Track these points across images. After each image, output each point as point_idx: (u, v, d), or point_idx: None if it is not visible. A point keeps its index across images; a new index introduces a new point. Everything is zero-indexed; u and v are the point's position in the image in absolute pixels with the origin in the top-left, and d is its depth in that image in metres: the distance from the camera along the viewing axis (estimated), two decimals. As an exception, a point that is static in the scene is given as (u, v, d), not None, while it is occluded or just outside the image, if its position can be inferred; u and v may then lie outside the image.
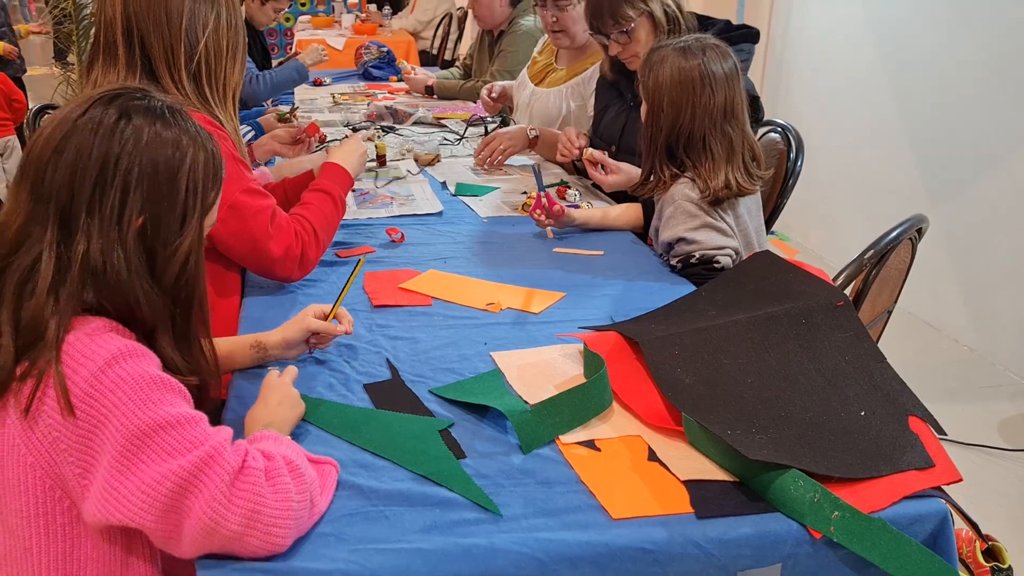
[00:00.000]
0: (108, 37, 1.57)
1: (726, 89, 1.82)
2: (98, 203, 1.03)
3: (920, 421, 1.28)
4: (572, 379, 1.41)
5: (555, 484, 1.16)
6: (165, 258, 1.08)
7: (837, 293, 1.45)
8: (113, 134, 1.05)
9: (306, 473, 1.05)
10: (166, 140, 1.08)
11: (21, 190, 1.05)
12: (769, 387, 1.30)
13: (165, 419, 0.97)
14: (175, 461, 0.96)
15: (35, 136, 1.07)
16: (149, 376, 1.00)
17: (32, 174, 1.04)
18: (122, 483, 0.95)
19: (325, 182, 1.85)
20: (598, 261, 1.97)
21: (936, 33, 3.72)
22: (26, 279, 1.01)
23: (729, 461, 1.18)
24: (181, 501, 0.95)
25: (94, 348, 0.98)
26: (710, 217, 1.83)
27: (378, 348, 1.54)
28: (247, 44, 1.70)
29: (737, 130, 1.85)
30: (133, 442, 0.95)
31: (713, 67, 1.82)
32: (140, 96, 1.11)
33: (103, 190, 1.03)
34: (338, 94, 3.97)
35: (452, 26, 6.93)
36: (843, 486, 1.13)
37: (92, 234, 1.02)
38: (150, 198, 1.06)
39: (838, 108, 4.41)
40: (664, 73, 1.84)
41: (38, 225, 1.03)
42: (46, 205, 1.03)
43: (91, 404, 0.96)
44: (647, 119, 1.90)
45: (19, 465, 0.99)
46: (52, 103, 2.82)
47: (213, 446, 0.98)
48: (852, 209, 4.32)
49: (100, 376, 0.97)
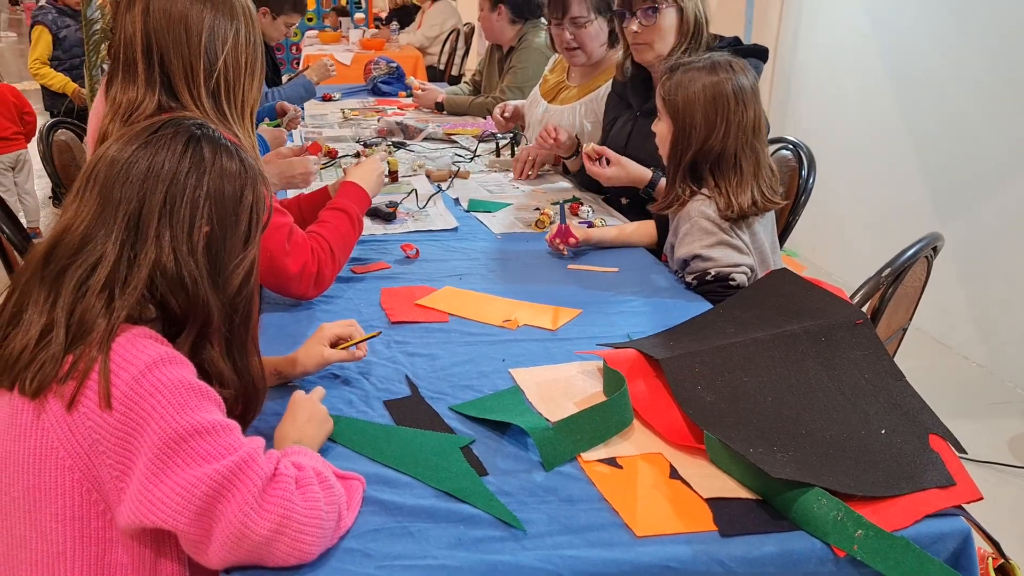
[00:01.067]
0: (128, 55, 1.58)
1: (755, 104, 1.84)
2: (169, 213, 1.09)
3: (940, 439, 1.28)
4: (592, 396, 1.42)
5: (578, 502, 1.16)
6: (230, 270, 1.14)
7: (856, 311, 1.46)
8: (184, 155, 1.12)
9: (335, 486, 1.07)
10: (232, 167, 1.15)
11: (87, 197, 1.10)
12: (790, 405, 1.31)
13: (202, 424, 1.00)
14: (210, 466, 0.98)
15: (99, 152, 1.13)
16: (188, 382, 1.02)
17: (99, 186, 1.09)
18: (158, 486, 0.97)
19: (343, 201, 1.87)
20: (613, 278, 1.97)
21: (944, 49, 3.73)
22: (87, 277, 1.06)
23: (751, 479, 1.18)
24: (214, 505, 0.97)
25: (136, 352, 1.01)
26: (726, 234, 1.84)
27: (397, 364, 1.54)
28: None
29: (762, 146, 1.86)
30: (170, 445, 0.98)
31: (743, 82, 1.83)
32: (203, 125, 1.17)
33: (174, 201, 1.09)
34: (348, 110, 4.00)
35: (459, 41, 6.97)
36: (865, 504, 1.14)
37: (164, 242, 1.08)
38: (218, 213, 1.12)
39: (846, 124, 4.42)
40: (695, 89, 1.84)
41: (103, 228, 1.08)
42: (114, 210, 1.08)
43: (131, 406, 0.98)
44: (674, 137, 1.89)
45: (57, 468, 1.01)
46: (64, 118, 2.82)
47: (248, 452, 1.00)
48: (860, 225, 4.32)
49: (140, 380, 0.99)
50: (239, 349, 1.18)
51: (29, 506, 1.02)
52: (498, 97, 3.77)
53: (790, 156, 2.53)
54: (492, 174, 2.90)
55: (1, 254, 2.13)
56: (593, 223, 2.30)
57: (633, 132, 2.45)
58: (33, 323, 1.05)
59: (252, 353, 1.22)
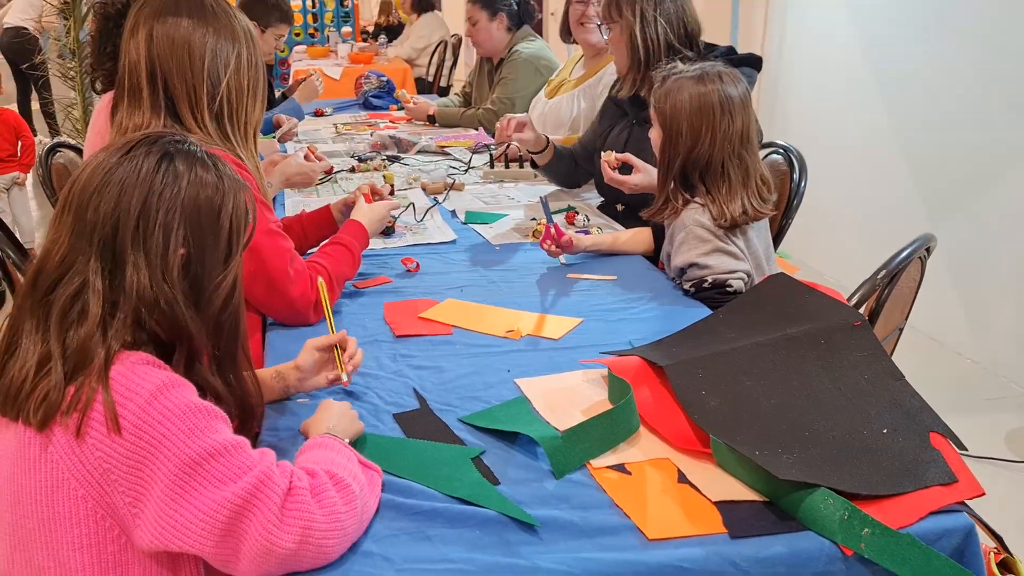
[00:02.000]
0: (133, 80, 1.61)
1: (743, 114, 1.86)
2: (143, 239, 1.07)
3: (941, 437, 1.31)
4: (597, 404, 1.44)
5: (590, 508, 1.19)
6: (210, 291, 1.13)
7: (854, 313, 1.49)
8: (156, 173, 1.10)
9: (352, 483, 1.09)
10: (207, 182, 1.13)
11: (63, 224, 1.09)
12: (793, 407, 1.33)
13: (214, 447, 1.01)
14: (228, 488, 1.00)
15: (77, 173, 1.12)
16: (194, 404, 1.04)
17: (75, 209, 1.09)
18: (179, 512, 0.99)
19: (346, 237, 1.91)
20: (612, 286, 2.00)
21: (930, 50, 3.78)
22: (70, 307, 1.06)
23: (758, 481, 1.20)
24: (237, 525, 1.00)
25: (139, 380, 1.02)
26: (721, 241, 1.87)
27: (404, 377, 1.57)
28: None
29: (751, 155, 1.89)
30: (185, 471, 0.99)
31: (730, 92, 1.86)
32: (180, 140, 1.15)
33: (147, 225, 1.08)
34: (340, 124, 4.02)
35: (447, 53, 7.00)
36: (870, 503, 1.16)
37: (140, 267, 1.07)
38: (194, 235, 1.11)
39: (834, 126, 4.46)
40: (682, 99, 1.88)
41: (81, 256, 1.07)
42: (89, 238, 1.07)
43: (140, 435, 0.99)
44: (663, 145, 1.93)
45: (70, 498, 1.02)
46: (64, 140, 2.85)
47: (263, 471, 1.02)
48: (851, 225, 4.36)
49: (147, 407, 1.00)
50: (229, 366, 1.19)
51: (46, 537, 1.03)
52: (489, 108, 3.80)
53: (781, 160, 2.56)
54: (487, 185, 2.93)
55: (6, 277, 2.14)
56: (590, 231, 2.33)
57: (630, 140, 2.49)
58: (29, 352, 1.05)
59: (243, 368, 1.23)
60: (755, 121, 1.93)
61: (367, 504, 1.12)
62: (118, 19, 2.23)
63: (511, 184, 2.93)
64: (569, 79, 3.08)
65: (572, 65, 3.23)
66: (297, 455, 1.19)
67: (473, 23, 3.82)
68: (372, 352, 1.66)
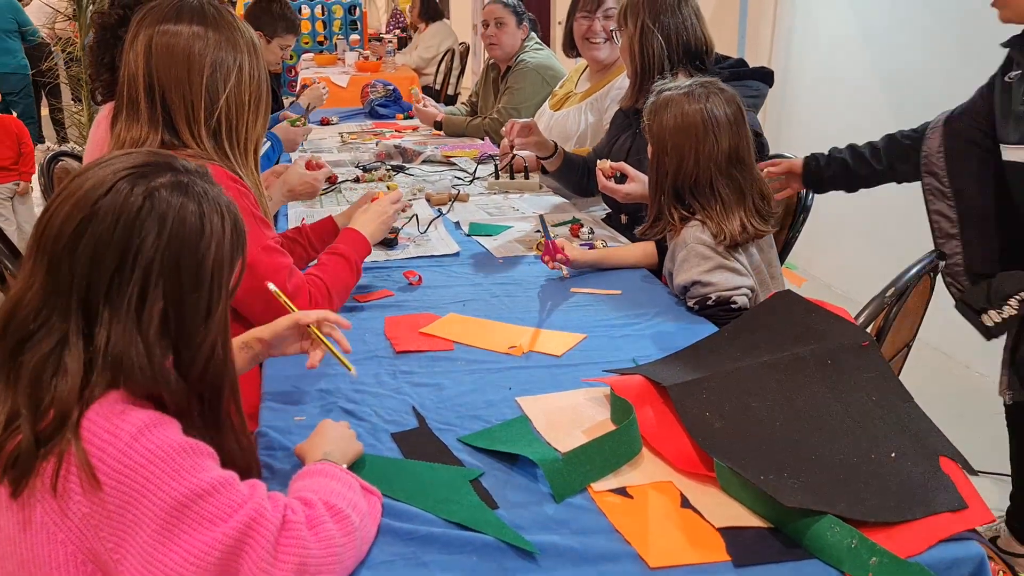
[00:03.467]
0: (131, 93, 1.59)
1: (730, 135, 1.85)
2: (116, 294, 1.00)
3: (950, 461, 1.28)
4: (600, 424, 1.42)
5: (590, 533, 1.16)
6: (191, 352, 1.06)
7: (861, 333, 1.46)
8: (134, 225, 1.01)
9: (351, 513, 1.06)
10: (191, 228, 1.04)
11: (36, 268, 1.02)
12: (798, 430, 1.31)
13: (201, 487, 0.97)
14: (218, 529, 0.96)
15: (52, 210, 1.03)
16: (178, 444, 0.98)
17: (48, 256, 1.01)
18: (167, 556, 0.94)
19: (343, 247, 1.86)
20: (616, 300, 1.97)
21: (940, 61, 3.74)
22: (44, 365, 0.99)
23: (763, 507, 1.18)
24: (230, 565, 0.96)
25: (117, 425, 0.97)
26: (723, 258, 1.84)
27: (403, 395, 1.54)
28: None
29: (745, 174, 1.88)
30: (173, 514, 0.95)
31: (716, 112, 1.85)
32: (166, 169, 1.06)
33: (121, 280, 1.00)
34: (346, 133, 4.01)
35: (454, 61, 7.00)
36: (878, 530, 1.13)
37: (112, 325, 1.00)
38: (172, 291, 1.03)
39: (841, 137, 4.42)
40: (667, 117, 1.88)
41: (56, 312, 1.00)
42: (66, 294, 1.00)
43: (122, 480, 0.95)
44: (652, 161, 1.93)
45: (51, 543, 0.97)
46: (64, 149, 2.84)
47: (254, 508, 0.98)
48: (859, 237, 4.33)
49: (128, 452, 0.95)
50: (215, 426, 1.10)
51: None
52: (495, 118, 3.78)
53: (788, 173, 2.52)
54: (492, 196, 2.91)
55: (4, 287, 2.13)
56: (595, 245, 2.30)
57: (631, 149, 2.47)
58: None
59: (231, 430, 1.13)
60: (751, 138, 1.90)
61: (367, 533, 1.10)
62: (116, 29, 2.22)
63: (516, 195, 2.91)
64: (575, 92, 3.06)
65: (577, 77, 3.22)
66: (293, 481, 1.16)
67: (499, 24, 3.79)
68: (372, 368, 1.64)
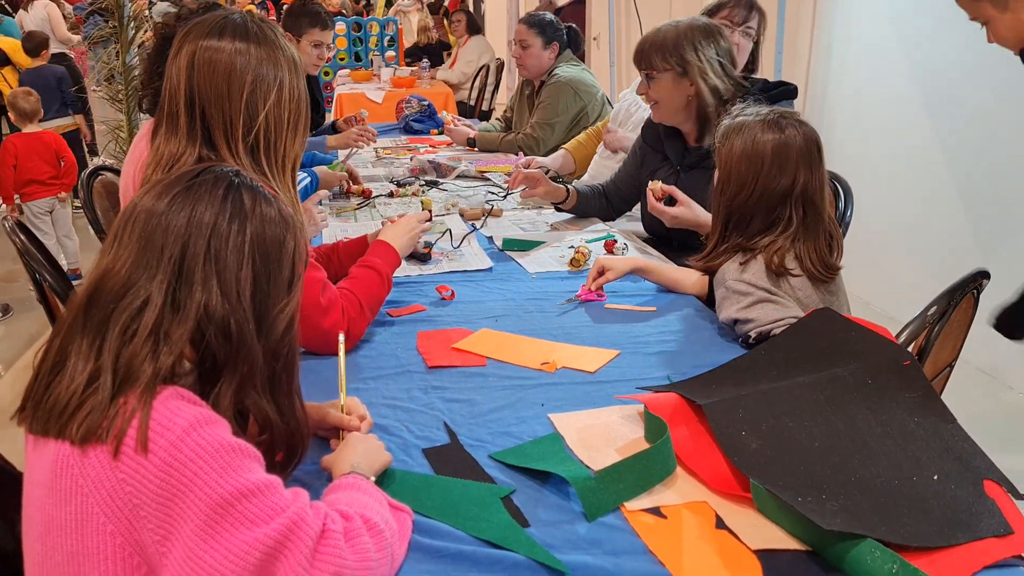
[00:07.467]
0: (172, 106, 1.60)
1: (797, 169, 1.80)
2: (214, 259, 1.08)
3: (995, 485, 1.24)
4: (633, 442, 1.40)
5: (623, 554, 1.14)
6: (274, 316, 1.13)
7: (902, 352, 1.43)
8: (225, 199, 1.11)
9: (385, 529, 1.07)
10: (270, 211, 1.14)
11: (126, 241, 1.09)
12: (837, 451, 1.28)
13: (247, 487, 0.98)
14: (260, 529, 0.97)
15: (138, 195, 1.12)
16: (227, 443, 1.01)
17: (140, 227, 1.08)
18: (209, 552, 0.96)
19: (373, 259, 1.88)
20: (651, 317, 1.95)
21: (983, 73, 3.68)
22: (132, 321, 1.04)
23: (801, 529, 1.15)
24: (268, 567, 0.97)
25: (171, 416, 1.00)
26: (761, 291, 1.78)
27: (435, 411, 1.53)
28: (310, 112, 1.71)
29: (812, 212, 1.83)
30: (217, 511, 0.96)
31: (789, 144, 1.81)
32: (239, 172, 1.17)
33: (219, 247, 1.08)
34: (380, 148, 4.02)
35: (489, 76, 7.02)
36: (920, 555, 1.10)
37: (211, 285, 1.07)
38: (262, 260, 1.11)
39: (881, 153, 4.38)
40: (736, 144, 1.84)
41: (146, 272, 1.06)
42: (158, 254, 1.07)
43: (171, 472, 0.97)
44: (717, 187, 1.89)
45: (99, 533, 1.00)
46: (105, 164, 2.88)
47: (296, 512, 0.99)
48: (899, 254, 4.27)
49: (180, 444, 0.98)
50: (284, 394, 1.17)
51: (74, 570, 1.01)
52: (528, 134, 3.79)
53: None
54: (525, 212, 2.90)
55: (43, 301, 2.15)
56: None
57: (677, 187, 2.43)
58: (79, 370, 1.04)
59: (296, 398, 1.21)
60: (825, 179, 1.85)
61: (398, 550, 1.10)
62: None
63: (549, 210, 2.90)
64: None
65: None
66: (325, 493, 1.16)
67: (524, 47, 3.79)
68: (404, 384, 1.63)
